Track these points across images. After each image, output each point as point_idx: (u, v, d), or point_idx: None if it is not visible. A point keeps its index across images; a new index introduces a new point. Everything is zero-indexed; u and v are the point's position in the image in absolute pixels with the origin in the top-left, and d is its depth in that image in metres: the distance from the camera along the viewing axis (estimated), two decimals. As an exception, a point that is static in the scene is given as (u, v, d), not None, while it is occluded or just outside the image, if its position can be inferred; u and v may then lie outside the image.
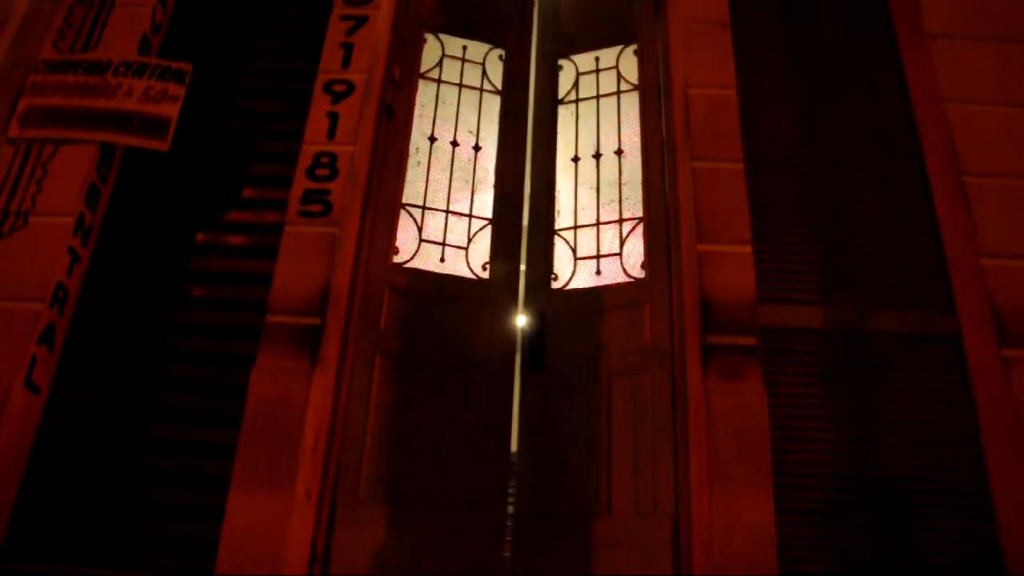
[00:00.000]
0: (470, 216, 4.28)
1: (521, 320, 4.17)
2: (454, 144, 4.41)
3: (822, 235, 3.67)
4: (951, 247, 3.58)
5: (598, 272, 4.13)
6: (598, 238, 4.21)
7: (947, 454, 3.27)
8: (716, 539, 2.99)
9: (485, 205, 4.31)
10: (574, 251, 4.22)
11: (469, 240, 4.22)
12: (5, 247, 3.47)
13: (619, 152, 4.33)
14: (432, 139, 4.39)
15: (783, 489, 3.13)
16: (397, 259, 4.03)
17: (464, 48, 4.67)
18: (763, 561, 2.95)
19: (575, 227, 4.27)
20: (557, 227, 4.29)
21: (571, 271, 4.18)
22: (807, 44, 4.15)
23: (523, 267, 4.28)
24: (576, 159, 4.43)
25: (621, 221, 4.17)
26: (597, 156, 4.39)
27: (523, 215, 4.33)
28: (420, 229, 4.17)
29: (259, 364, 3.27)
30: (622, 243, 4.12)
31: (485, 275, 4.13)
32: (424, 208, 4.22)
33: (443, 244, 4.18)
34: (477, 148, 4.44)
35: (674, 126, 3.92)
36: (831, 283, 3.58)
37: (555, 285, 4.16)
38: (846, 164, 3.83)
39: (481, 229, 4.25)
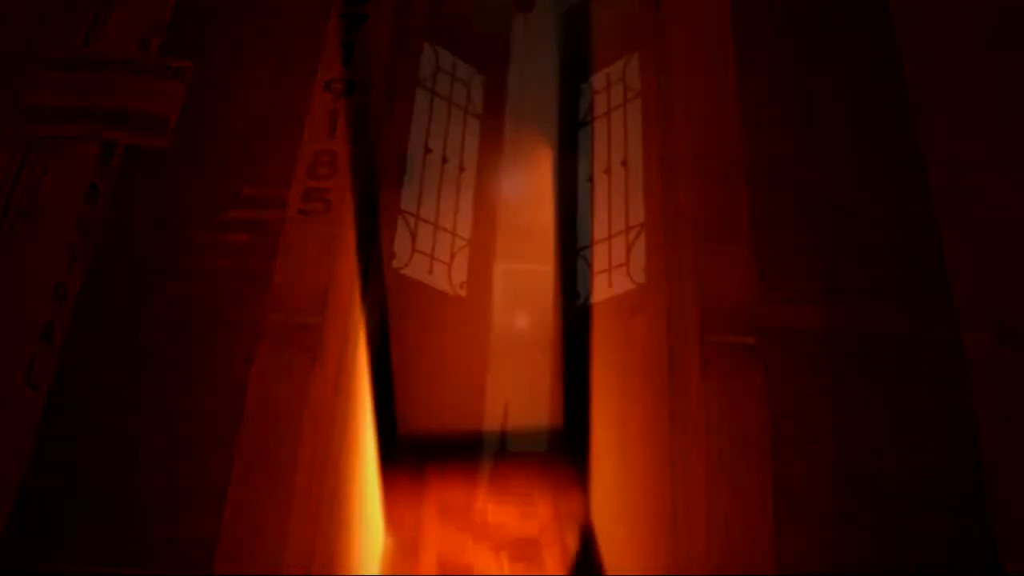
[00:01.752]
0: (453, 234, 4.34)
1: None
2: (444, 160, 4.48)
3: (822, 235, 3.67)
4: (951, 247, 3.57)
5: (609, 285, 4.18)
6: (610, 250, 4.30)
7: (947, 454, 3.27)
8: (716, 539, 2.99)
9: (469, 220, 4.41)
10: (590, 267, 4.32)
11: (452, 257, 4.29)
12: (5, 244, 3.47)
13: (624, 163, 4.37)
14: (427, 150, 4.44)
15: (783, 489, 3.13)
16: (395, 263, 4.07)
17: (454, 65, 4.71)
18: (763, 561, 2.95)
19: (591, 244, 4.39)
20: (576, 246, 4.45)
21: (588, 287, 4.27)
22: (808, 43, 4.15)
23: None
24: (591, 179, 4.50)
25: (627, 229, 4.21)
26: (608, 171, 4.44)
27: (497, 237, 4.50)
28: (414, 238, 4.23)
29: (259, 362, 3.27)
30: (628, 251, 4.16)
31: (463, 293, 4.21)
32: (418, 218, 4.28)
33: (431, 257, 4.25)
34: (461, 168, 4.51)
35: (674, 126, 3.92)
36: (831, 283, 3.57)
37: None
38: (846, 163, 3.83)
39: (461, 249, 4.33)
